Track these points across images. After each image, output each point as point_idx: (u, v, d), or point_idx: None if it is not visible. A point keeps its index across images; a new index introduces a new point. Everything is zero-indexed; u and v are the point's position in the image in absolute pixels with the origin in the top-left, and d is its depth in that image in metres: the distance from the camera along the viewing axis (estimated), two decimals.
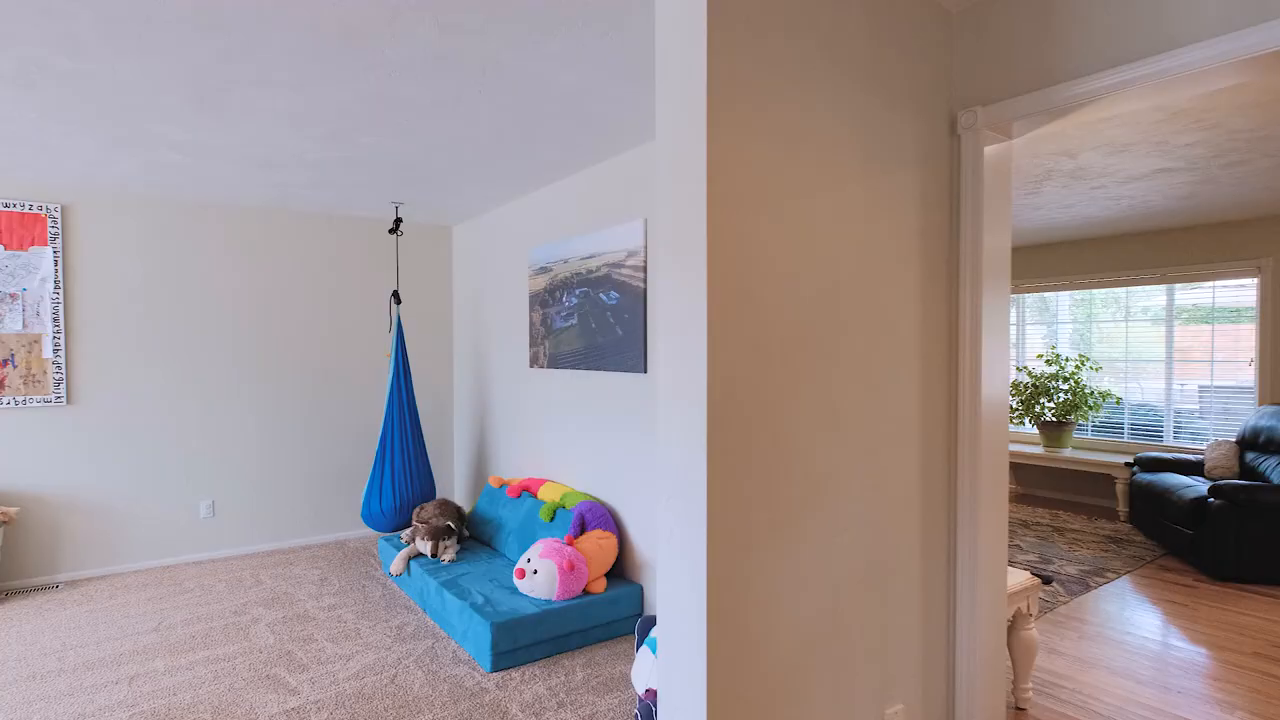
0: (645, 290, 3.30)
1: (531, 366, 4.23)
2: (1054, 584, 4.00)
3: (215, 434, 4.58)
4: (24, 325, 4.02)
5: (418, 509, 4.07)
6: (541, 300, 4.11)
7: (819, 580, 1.82)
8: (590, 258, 3.67)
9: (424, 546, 3.79)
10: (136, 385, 4.34)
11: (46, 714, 2.70)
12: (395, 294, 4.48)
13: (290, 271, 4.79)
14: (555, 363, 3.99)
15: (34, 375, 4.05)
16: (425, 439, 5.24)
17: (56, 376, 4.10)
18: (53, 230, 4.08)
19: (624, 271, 3.43)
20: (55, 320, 4.09)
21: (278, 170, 3.73)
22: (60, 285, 4.10)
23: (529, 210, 4.30)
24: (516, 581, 3.26)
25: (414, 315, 5.26)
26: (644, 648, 2.37)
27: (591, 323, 3.67)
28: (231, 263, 4.60)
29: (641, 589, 3.38)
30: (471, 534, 4.22)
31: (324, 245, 4.90)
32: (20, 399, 4.02)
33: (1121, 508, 5.53)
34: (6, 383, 3.99)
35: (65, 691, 2.87)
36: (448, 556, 3.75)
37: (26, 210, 4.02)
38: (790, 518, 1.75)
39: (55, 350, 4.09)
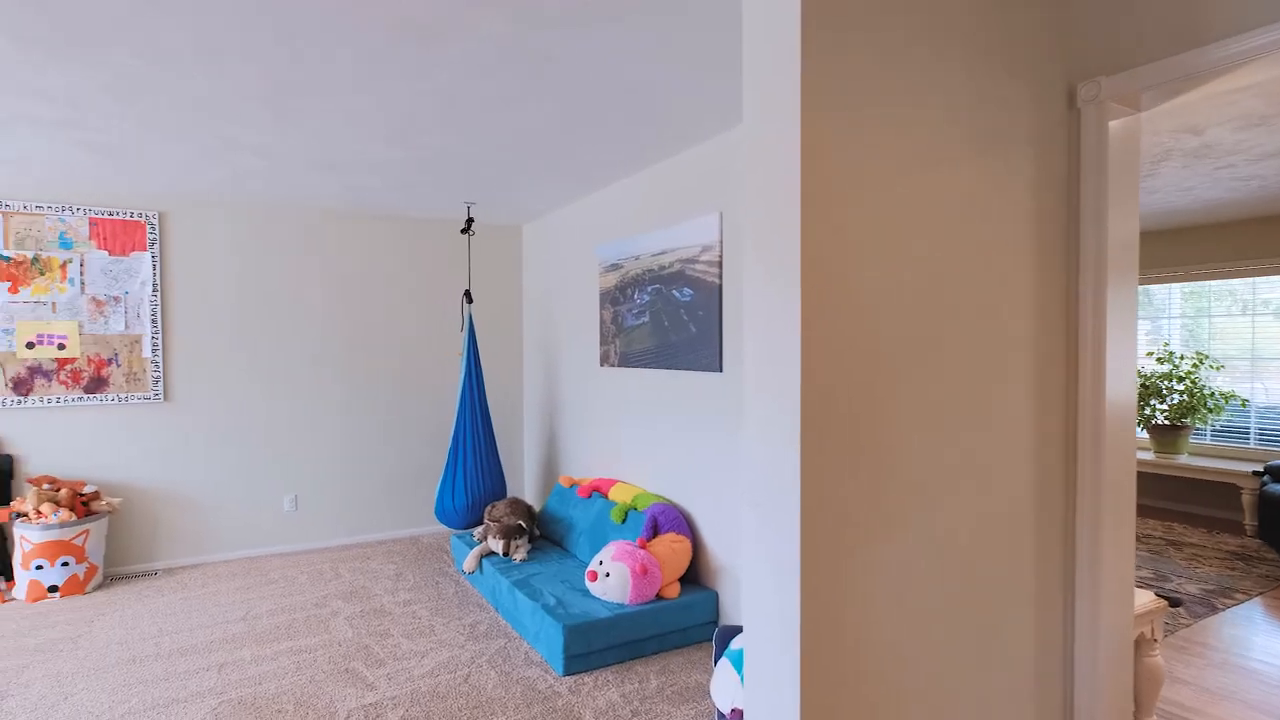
0: (720, 286, 3.18)
1: (602, 365, 4.17)
2: (1181, 606, 3.64)
3: (298, 431, 4.73)
4: (126, 326, 4.24)
5: (489, 507, 4.07)
6: (612, 298, 4.04)
7: (919, 597, 1.66)
8: (662, 254, 3.57)
9: (496, 545, 3.78)
10: (226, 384, 4.52)
11: (144, 697, 2.81)
12: (467, 293, 4.51)
13: (367, 272, 4.90)
14: (626, 361, 3.92)
15: (135, 374, 4.27)
16: (496, 437, 5.27)
17: (155, 375, 4.32)
18: (151, 236, 4.29)
19: (698, 267, 3.31)
20: (154, 321, 4.30)
21: (348, 173, 3.80)
22: (158, 288, 4.31)
23: (598, 207, 4.24)
24: (588, 584, 3.20)
25: (485, 314, 5.30)
26: (724, 660, 2.26)
27: (664, 320, 3.57)
28: (311, 265, 4.73)
29: (716, 595, 3.26)
30: (542, 533, 4.19)
31: (398, 246, 4.99)
32: (123, 396, 4.24)
33: (1249, 521, 5.02)
34: (111, 380, 4.22)
35: (161, 676, 2.99)
36: (519, 556, 3.73)
37: (128, 218, 4.24)
38: (887, 528, 1.60)
39: (154, 350, 4.31)
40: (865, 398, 1.56)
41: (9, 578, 3.93)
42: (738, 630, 2.36)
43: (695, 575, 3.43)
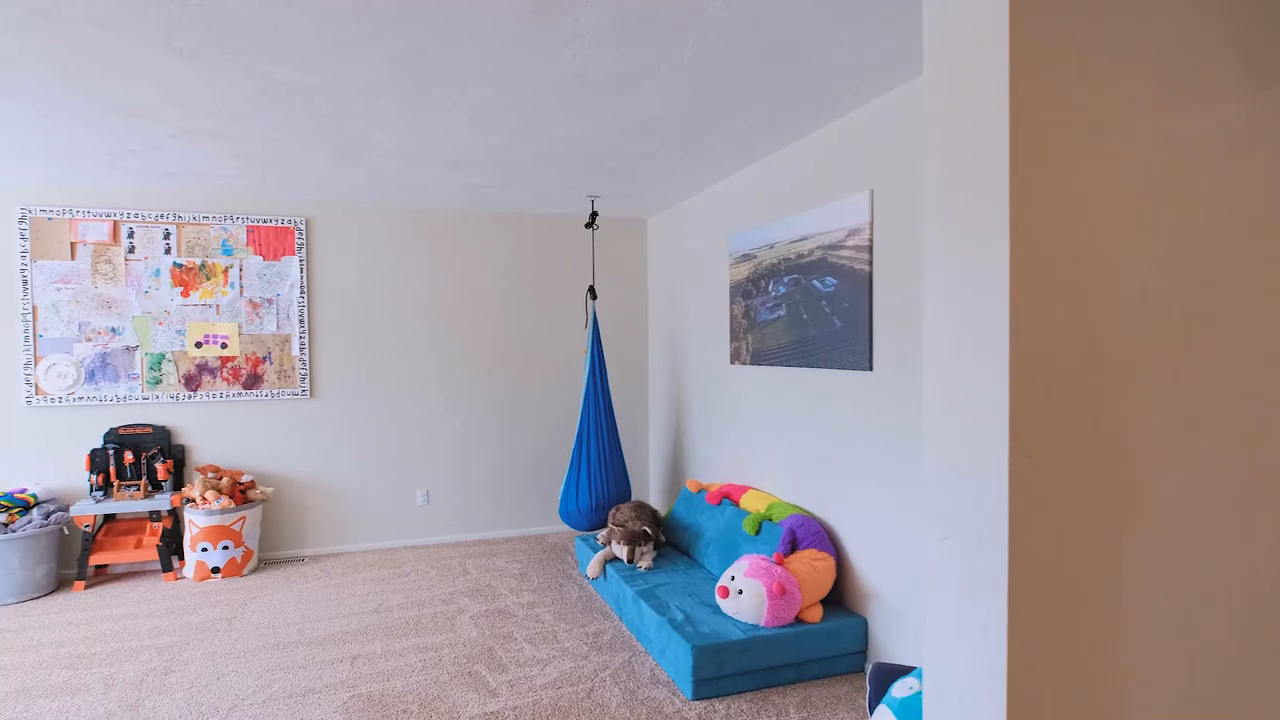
0: (871, 274, 2.82)
1: (732, 363, 3.90)
2: None
3: (430, 427, 4.83)
4: (277, 327, 4.50)
5: (613, 510, 3.92)
6: (743, 291, 3.76)
7: (1173, 672, 1.26)
8: (801, 240, 3.25)
9: (620, 551, 3.62)
10: (364, 381, 4.69)
11: (284, 684, 2.88)
12: (591, 289, 4.40)
13: (493, 271, 4.92)
14: (759, 359, 3.62)
15: (285, 371, 4.51)
16: (620, 437, 5.13)
17: (302, 372, 4.54)
18: (299, 241, 4.52)
19: (843, 254, 2.96)
20: (301, 322, 4.53)
21: (474, 170, 3.78)
22: (305, 291, 4.53)
23: (728, 195, 3.97)
24: (719, 600, 2.94)
25: (609, 311, 5.18)
26: (883, 709, 1.93)
27: (802, 313, 3.25)
28: (442, 266, 4.82)
29: (865, 623, 2.90)
30: (668, 540, 3.99)
31: (523, 244, 4.98)
32: (275, 392, 4.50)
33: None
34: (265, 377, 4.49)
35: (300, 663, 3.06)
36: (644, 563, 3.54)
37: (279, 224, 4.49)
38: (1127, 576, 1.23)
39: (301, 349, 4.54)
40: (1098, 408, 1.20)
41: (180, 557, 4.26)
42: (900, 671, 2.02)
43: (840, 598, 3.08)
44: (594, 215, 4.40)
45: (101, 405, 4.23)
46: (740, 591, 2.87)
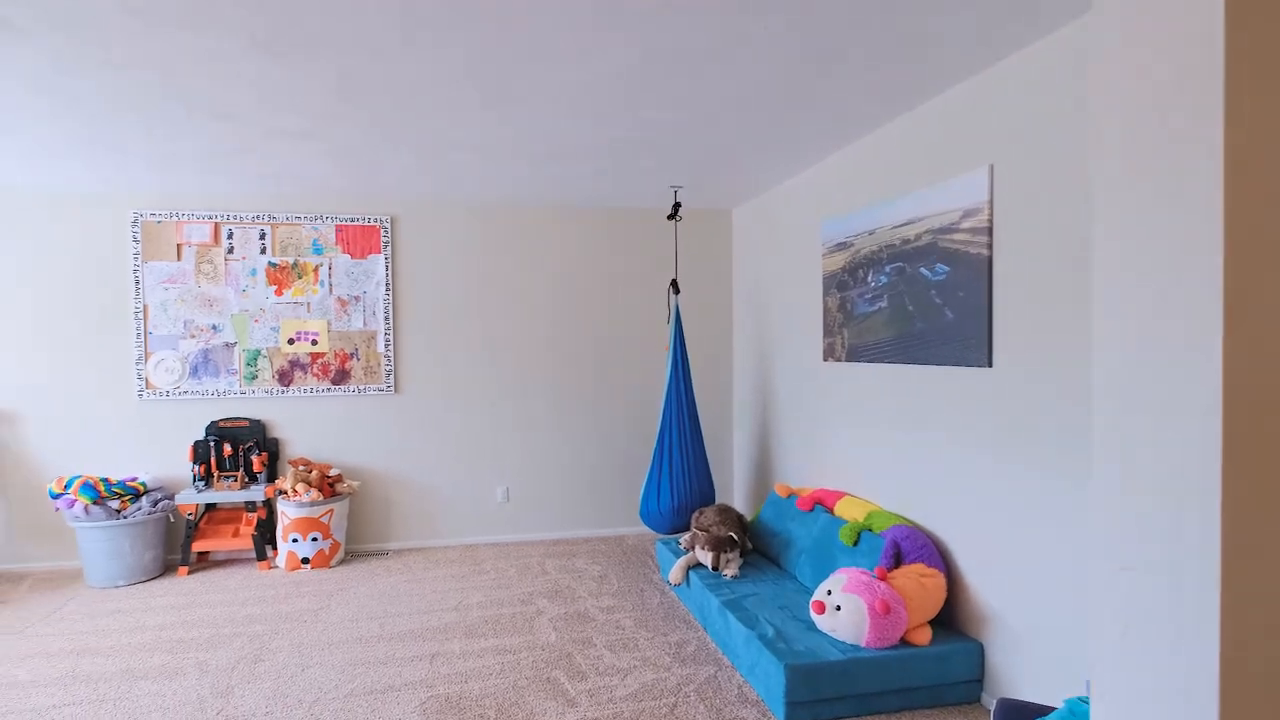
0: (991, 259, 2.51)
1: (826, 360, 3.64)
2: None
3: (510, 424, 4.79)
4: (364, 324, 4.57)
5: (697, 513, 3.73)
6: (838, 282, 3.49)
7: None
8: (906, 225, 2.96)
9: (704, 557, 3.43)
10: (446, 377, 4.70)
11: (365, 680, 2.86)
12: (674, 283, 4.22)
13: (573, 266, 4.83)
14: (856, 355, 3.35)
15: (371, 367, 4.58)
16: (704, 437, 4.93)
17: (387, 368, 4.60)
18: (384, 239, 4.57)
19: (957, 238, 2.67)
20: (386, 319, 4.58)
21: (554, 162, 3.68)
22: (390, 288, 4.58)
23: (822, 179, 3.71)
24: (814, 616, 2.70)
25: (692, 306, 4.99)
26: None
27: (907, 305, 2.96)
28: (520, 261, 4.77)
29: (981, 649, 2.59)
30: (755, 546, 3.76)
31: (603, 238, 4.86)
32: (361, 388, 4.57)
33: None
34: (352, 373, 4.56)
35: (381, 659, 3.04)
36: (730, 571, 3.33)
37: (366, 223, 4.55)
38: None
39: (386, 345, 4.59)
40: None
41: (274, 547, 4.38)
42: (1036, 713, 1.74)
43: (951, 619, 2.77)
44: (677, 206, 4.23)
45: (204, 399, 4.41)
46: (838, 608, 2.62)
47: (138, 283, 4.30)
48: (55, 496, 3.97)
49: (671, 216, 4.26)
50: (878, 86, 2.68)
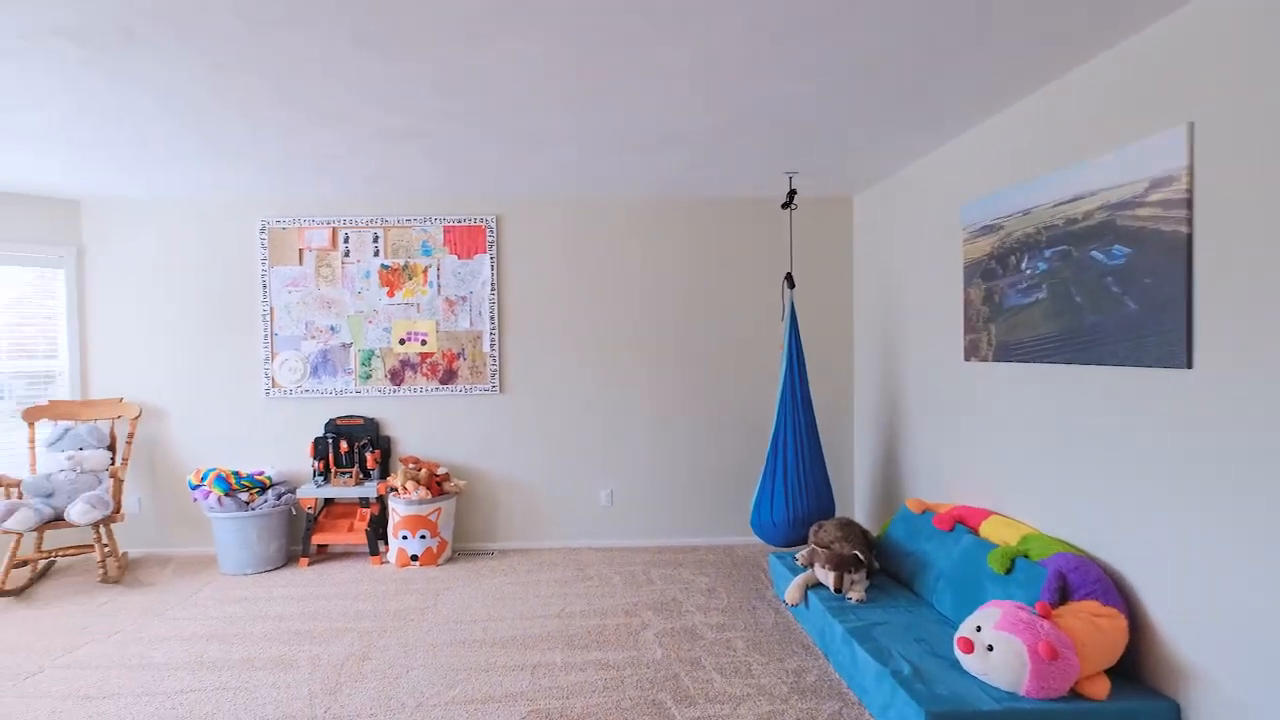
0: (1190, 237, 2.06)
1: (968, 359, 3.22)
2: None
3: (615, 425, 4.64)
4: (470, 324, 4.57)
5: (815, 527, 3.41)
6: (983, 271, 3.07)
7: None
8: (1072, 201, 2.53)
9: (825, 576, 3.11)
10: (550, 377, 4.62)
11: (466, 687, 2.77)
12: (788, 277, 3.91)
13: (679, 262, 4.63)
14: (1007, 353, 2.92)
15: (477, 367, 4.57)
16: (822, 443, 4.58)
17: (492, 368, 4.58)
18: (490, 239, 4.55)
19: (1142, 213, 2.22)
20: (491, 319, 4.56)
21: (658, 151, 3.48)
22: (495, 288, 4.56)
23: (961, 156, 3.29)
24: (959, 654, 2.33)
25: (808, 301, 4.65)
26: None
27: (1073, 294, 2.53)
28: (624, 259, 4.62)
29: (1178, 709, 2.13)
30: (882, 566, 3.39)
31: (712, 231, 4.62)
32: (467, 387, 4.58)
33: None
34: (459, 373, 4.58)
35: (483, 666, 2.95)
36: (855, 594, 3.00)
37: (472, 224, 4.55)
38: None
39: (491, 345, 4.57)
40: None
41: (385, 542, 4.45)
42: None
43: (1135, 669, 2.32)
44: (792, 194, 3.93)
45: (322, 398, 4.56)
46: (990, 648, 2.25)
47: (264, 286, 4.51)
48: (194, 488, 4.21)
49: (786, 205, 3.96)
50: (1044, 36, 2.28)
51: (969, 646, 2.31)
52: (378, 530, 4.38)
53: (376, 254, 4.54)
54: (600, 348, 4.63)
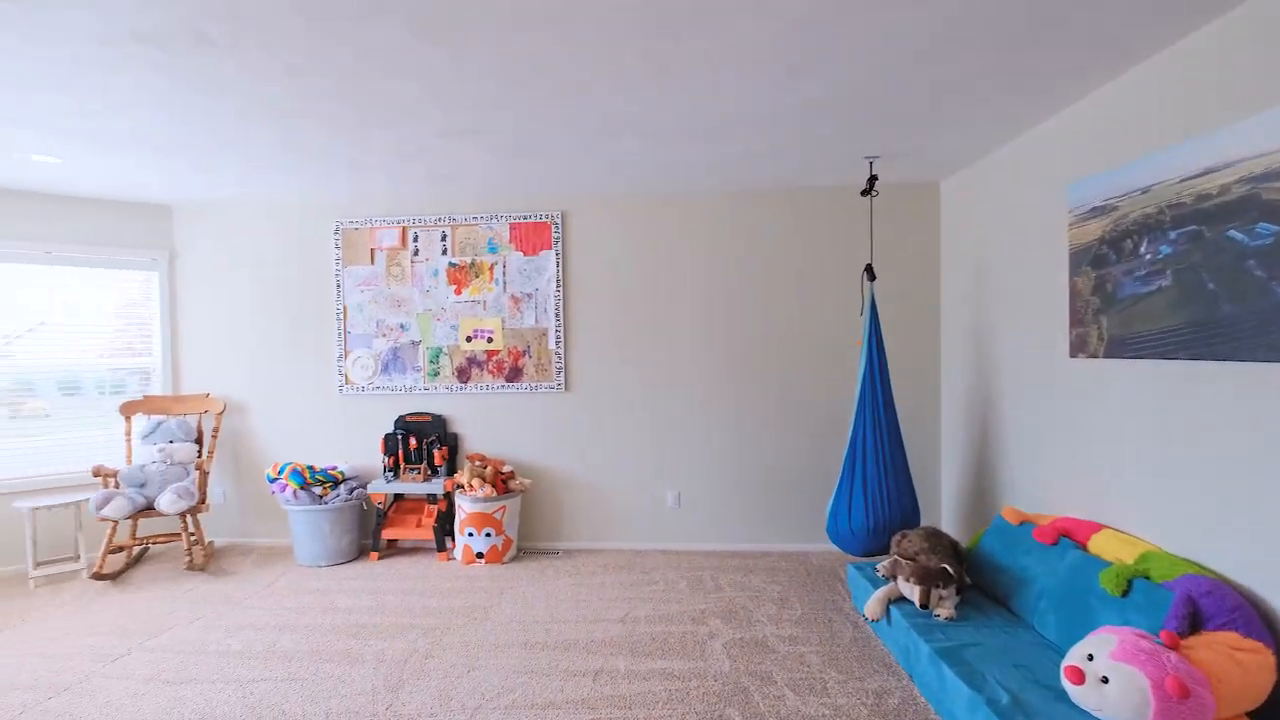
0: None
1: (1074, 355, 2.90)
2: None
3: (682, 424, 4.50)
4: (535, 321, 4.52)
5: (899, 536, 3.17)
6: (1094, 257, 2.76)
7: None
8: (1203, 175, 2.22)
9: (909, 590, 2.87)
10: (615, 374, 4.52)
11: (527, 691, 2.69)
12: (868, 269, 3.67)
13: (751, 255, 4.43)
14: (1121, 348, 2.61)
15: (542, 364, 4.52)
16: (905, 446, 4.29)
17: (558, 366, 4.51)
18: (555, 235, 4.49)
19: None
20: (557, 316, 4.50)
21: (731, 138, 3.31)
22: (560, 284, 4.50)
23: (1067, 129, 2.98)
24: (1067, 684, 2.07)
25: (890, 294, 4.36)
26: None
27: (1205, 280, 2.21)
28: (693, 253, 4.46)
29: None
30: (973, 581, 3.11)
31: (785, 222, 4.41)
32: (533, 385, 4.53)
33: None
34: (525, 371, 4.54)
35: (545, 670, 2.86)
36: (944, 612, 2.74)
37: (537, 220, 4.51)
38: None
39: (556, 342, 4.51)
40: None
41: (452, 539, 4.46)
42: None
43: None
44: (872, 180, 3.68)
45: (393, 394, 4.61)
46: (1105, 679, 1.98)
47: (338, 286, 4.60)
48: (271, 481, 4.33)
49: (866, 193, 3.72)
50: None
51: (1079, 677, 2.04)
52: (445, 527, 4.39)
53: (444, 252, 4.56)
54: (667, 344, 4.49)
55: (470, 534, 4.21)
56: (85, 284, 4.45)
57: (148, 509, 4.07)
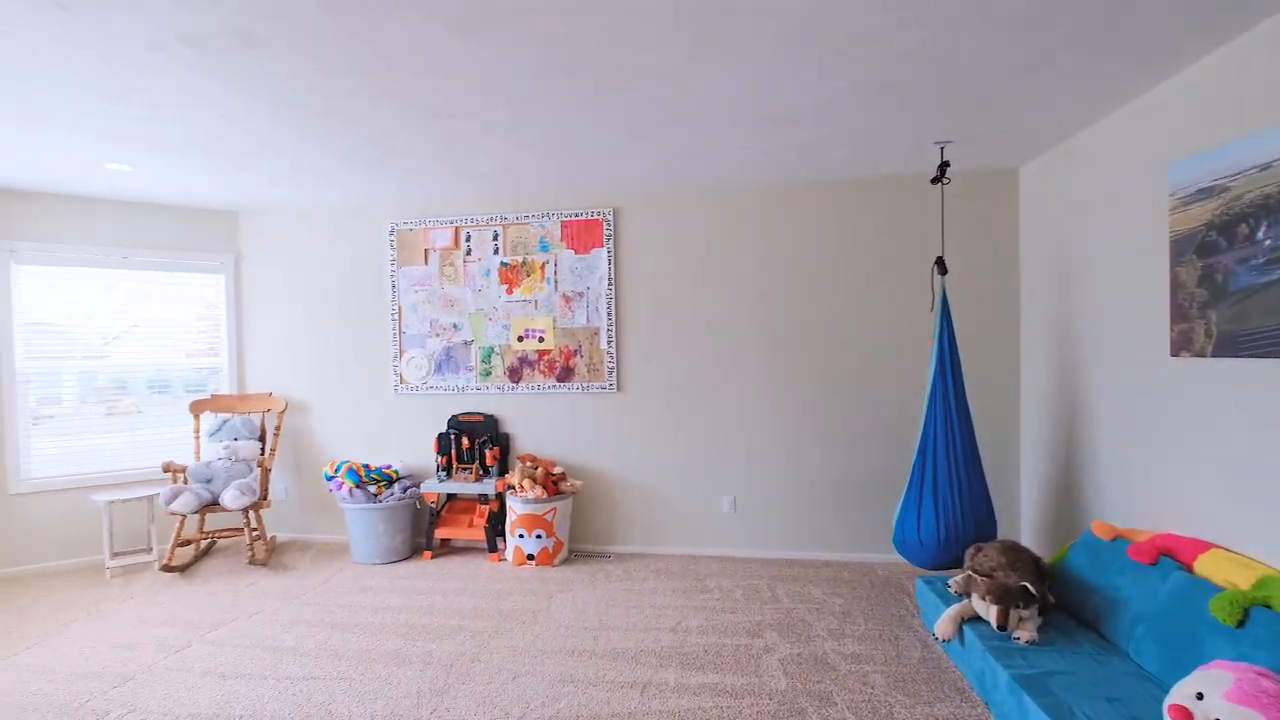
0: None
1: (1176, 354, 2.61)
2: None
3: (739, 428, 4.33)
4: (587, 320, 4.44)
5: (973, 549, 2.92)
6: (1200, 244, 2.47)
7: None
8: None
9: (985, 610, 2.63)
10: (669, 375, 4.39)
11: (572, 701, 2.60)
12: (939, 262, 3.42)
13: (811, 250, 4.23)
14: (1234, 347, 2.32)
15: (594, 364, 4.43)
16: (981, 453, 4.00)
17: (610, 366, 4.41)
18: (607, 233, 4.40)
19: None
20: (609, 315, 4.40)
21: (786, 126, 3.13)
22: (612, 283, 4.40)
23: (1167, 105, 2.69)
24: None
25: (963, 289, 4.08)
26: None
27: None
28: (750, 249, 4.29)
29: None
30: (1058, 600, 2.84)
31: (848, 214, 4.18)
32: (584, 385, 4.45)
33: None
34: (576, 371, 4.46)
35: (591, 680, 2.76)
36: (1024, 635, 2.50)
37: (589, 217, 4.42)
38: None
39: (608, 342, 4.41)
40: None
41: (503, 539, 4.42)
42: None
43: None
44: (944, 167, 3.43)
45: (446, 394, 4.61)
46: None
47: (393, 286, 4.64)
48: (328, 479, 4.39)
49: (937, 180, 3.47)
50: None
51: (1185, 717, 1.79)
52: (496, 527, 4.36)
53: (496, 251, 4.53)
54: (722, 344, 4.33)
55: (521, 535, 4.15)
56: (165, 287, 4.63)
57: (213, 504, 4.18)
